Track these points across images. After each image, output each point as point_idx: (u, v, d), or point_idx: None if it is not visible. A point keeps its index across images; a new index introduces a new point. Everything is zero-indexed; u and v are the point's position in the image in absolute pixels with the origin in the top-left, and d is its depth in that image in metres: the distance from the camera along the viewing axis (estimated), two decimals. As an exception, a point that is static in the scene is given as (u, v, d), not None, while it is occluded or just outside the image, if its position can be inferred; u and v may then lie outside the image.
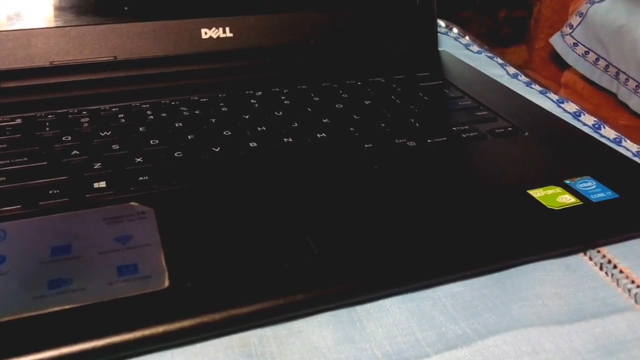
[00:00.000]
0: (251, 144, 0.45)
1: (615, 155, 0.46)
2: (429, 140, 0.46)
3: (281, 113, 0.50)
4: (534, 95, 0.59)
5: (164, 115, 0.49)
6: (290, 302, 0.31)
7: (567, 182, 0.41)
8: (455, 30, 0.79)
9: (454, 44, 0.74)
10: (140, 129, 0.47)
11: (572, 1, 1.46)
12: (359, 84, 0.57)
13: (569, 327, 0.32)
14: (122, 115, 0.49)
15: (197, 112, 0.50)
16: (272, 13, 0.58)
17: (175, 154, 0.43)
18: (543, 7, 1.66)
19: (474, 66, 0.64)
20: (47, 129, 0.46)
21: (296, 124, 0.48)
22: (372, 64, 0.61)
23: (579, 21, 1.31)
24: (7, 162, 0.41)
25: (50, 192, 0.38)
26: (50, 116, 0.48)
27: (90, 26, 0.53)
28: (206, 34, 0.56)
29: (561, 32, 1.37)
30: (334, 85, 0.56)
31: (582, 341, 0.31)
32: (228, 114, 0.50)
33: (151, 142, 0.45)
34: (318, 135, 0.47)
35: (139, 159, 0.42)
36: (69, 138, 0.45)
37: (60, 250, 0.33)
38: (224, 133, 0.46)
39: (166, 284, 0.31)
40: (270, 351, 0.30)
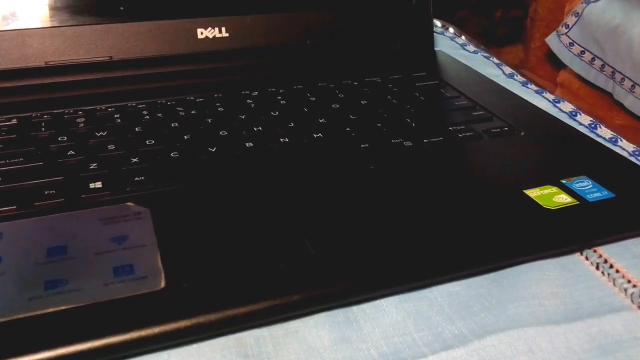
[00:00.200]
0: (247, 144, 0.45)
1: (611, 155, 0.46)
2: (425, 140, 0.46)
3: (277, 113, 0.50)
4: (530, 95, 0.59)
5: (160, 115, 0.49)
6: (286, 303, 0.31)
7: (563, 181, 0.41)
8: (451, 30, 0.79)
9: (450, 43, 0.74)
10: (136, 129, 0.47)
11: (568, 1, 1.47)
12: (355, 83, 0.57)
13: (566, 327, 0.32)
14: (118, 116, 0.48)
15: (193, 112, 0.50)
16: (268, 13, 0.58)
17: (172, 154, 0.43)
18: (539, 7, 1.66)
19: (470, 66, 0.64)
20: (43, 129, 0.46)
21: (292, 124, 0.48)
22: (368, 63, 0.61)
23: (574, 21, 1.31)
24: (3, 162, 0.41)
25: (46, 192, 0.38)
26: (45, 116, 0.48)
27: (86, 26, 0.53)
28: (202, 33, 0.56)
29: (557, 32, 1.37)
30: (330, 85, 0.56)
31: (578, 341, 0.31)
32: (224, 114, 0.50)
33: (147, 142, 0.45)
34: (314, 135, 0.47)
35: (135, 159, 0.42)
36: (65, 138, 0.45)
37: (56, 251, 0.33)
38: (220, 133, 0.46)
39: (162, 284, 0.31)
40: (266, 351, 0.30)
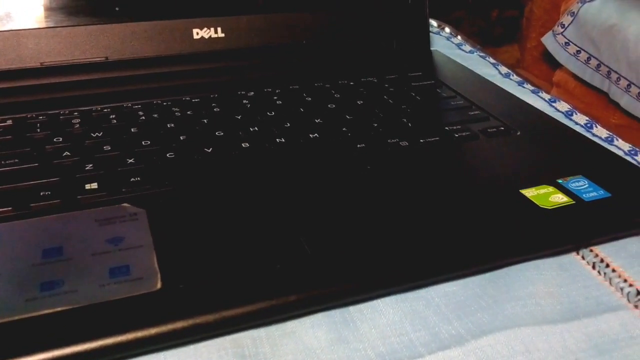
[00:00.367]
0: (243, 145, 0.45)
1: (607, 155, 0.46)
2: (421, 140, 0.46)
3: (273, 113, 0.50)
4: (526, 94, 0.59)
5: (155, 115, 0.49)
6: (283, 303, 0.31)
7: (560, 181, 0.41)
8: (447, 30, 0.79)
9: (446, 43, 0.74)
10: (132, 129, 0.46)
11: (564, 1, 1.47)
12: (351, 83, 0.57)
13: (562, 326, 0.32)
14: (113, 116, 0.48)
15: (189, 112, 0.50)
16: (264, 13, 0.58)
17: (167, 155, 0.43)
18: (535, 7, 1.67)
19: (466, 66, 0.64)
20: (38, 130, 0.46)
21: (289, 124, 0.48)
22: (365, 63, 0.61)
23: (570, 20, 1.32)
24: (-2, 163, 0.41)
25: (42, 193, 0.38)
26: (41, 117, 0.48)
27: (82, 27, 0.53)
28: (198, 34, 0.56)
29: (553, 32, 1.37)
30: (326, 85, 0.56)
31: (575, 340, 0.31)
32: (220, 115, 0.50)
33: (143, 142, 0.44)
34: (311, 135, 0.47)
35: (130, 160, 0.42)
36: (60, 139, 0.45)
37: (52, 252, 0.33)
38: (216, 133, 0.46)
39: (158, 285, 0.31)
40: (263, 352, 0.30)
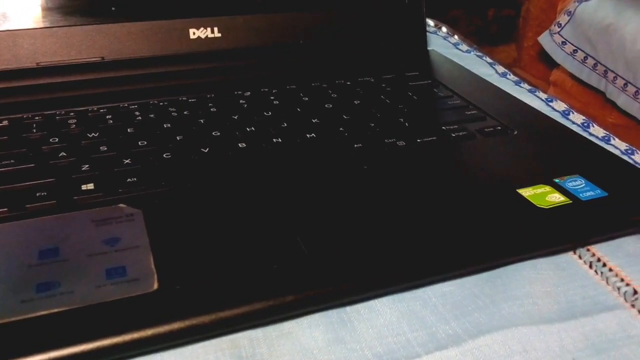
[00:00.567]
0: (240, 145, 0.45)
1: (604, 154, 0.46)
2: (418, 140, 0.46)
3: (270, 113, 0.50)
4: (523, 94, 0.60)
5: (152, 116, 0.49)
6: (280, 304, 0.31)
7: (557, 180, 0.41)
8: (444, 30, 0.79)
9: (443, 43, 0.74)
10: (129, 130, 0.46)
11: (560, 0, 1.47)
12: (348, 83, 0.57)
13: (559, 326, 0.32)
14: (110, 117, 0.48)
15: (185, 112, 0.50)
16: (261, 13, 0.58)
17: (164, 155, 0.43)
18: (531, 6, 1.67)
19: (463, 65, 0.64)
20: (34, 130, 0.46)
21: (285, 124, 0.48)
22: (361, 63, 0.61)
23: (567, 20, 1.32)
24: (-6, 164, 0.41)
25: (38, 194, 0.38)
26: (37, 118, 0.48)
27: (78, 27, 0.53)
28: (194, 34, 0.56)
29: (549, 31, 1.37)
30: (323, 85, 0.56)
31: (572, 340, 0.31)
32: (217, 115, 0.50)
33: (139, 143, 0.44)
34: (307, 135, 0.47)
35: (127, 161, 0.42)
36: (56, 140, 0.44)
37: (48, 253, 0.33)
38: (213, 134, 0.46)
39: (155, 286, 0.31)
40: (260, 352, 0.30)
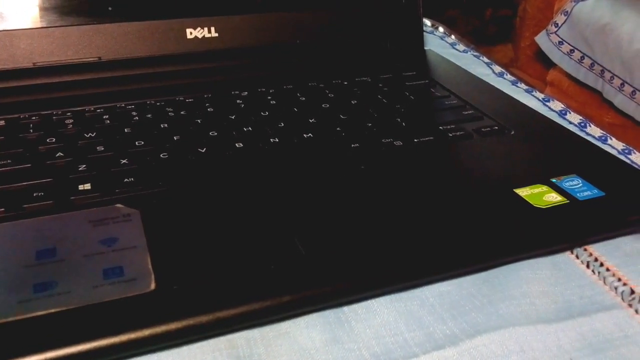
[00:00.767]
0: (237, 145, 0.45)
1: (601, 154, 0.46)
2: (415, 140, 0.46)
3: (267, 113, 0.50)
4: (520, 94, 0.60)
5: (149, 116, 0.49)
6: (277, 304, 0.31)
7: (554, 180, 0.41)
8: (441, 29, 0.79)
9: (440, 43, 0.74)
10: (126, 130, 0.46)
11: (557, 0, 1.47)
12: (345, 83, 0.57)
13: (557, 326, 0.32)
14: (107, 117, 0.48)
15: (182, 112, 0.49)
16: (258, 13, 0.58)
17: (161, 155, 0.43)
18: (528, 6, 1.67)
19: (460, 65, 0.64)
20: (31, 130, 0.46)
21: (282, 124, 0.48)
22: (358, 63, 0.61)
23: (564, 19, 1.32)
24: (-9, 164, 0.41)
25: (35, 194, 0.38)
26: (34, 118, 0.47)
27: (74, 27, 0.53)
28: (191, 34, 0.56)
29: (546, 31, 1.37)
30: (320, 85, 0.56)
31: (569, 339, 0.31)
32: (214, 115, 0.50)
33: (136, 143, 0.44)
34: (304, 135, 0.47)
35: (124, 161, 0.42)
36: (53, 140, 0.44)
37: (45, 254, 0.33)
38: (210, 134, 0.46)
39: (152, 286, 0.31)
40: (257, 353, 0.30)
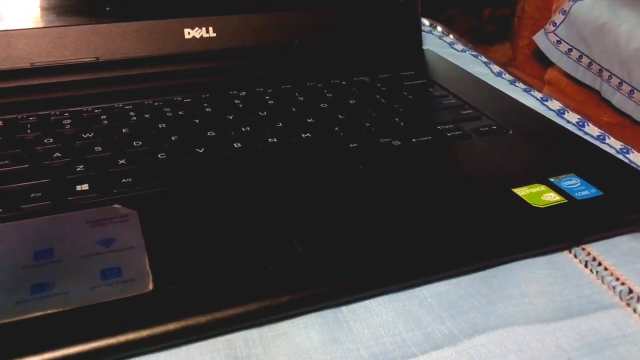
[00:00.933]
0: (235, 145, 0.45)
1: (599, 153, 0.46)
2: (413, 140, 0.46)
3: (265, 113, 0.50)
4: (518, 93, 0.60)
5: (147, 116, 0.49)
6: (276, 304, 0.31)
7: (552, 180, 0.41)
8: (439, 29, 0.79)
9: (438, 42, 0.74)
10: (123, 130, 0.46)
11: (555, -1, 1.48)
12: (343, 83, 0.57)
13: (555, 325, 0.32)
14: (104, 117, 0.48)
15: (180, 112, 0.49)
16: (256, 12, 0.58)
17: (159, 156, 0.43)
18: (526, 5, 1.67)
19: (458, 65, 0.64)
20: (29, 131, 0.46)
21: (281, 124, 0.48)
22: (357, 63, 0.61)
23: (562, 19, 1.32)
24: (-11, 165, 0.41)
25: (32, 195, 0.38)
26: (31, 118, 0.47)
27: (72, 27, 0.53)
28: (189, 34, 0.56)
29: (544, 30, 1.38)
30: (318, 85, 0.56)
31: (567, 339, 0.31)
32: (212, 115, 0.49)
33: (134, 143, 0.44)
34: (303, 135, 0.47)
35: (122, 161, 0.42)
36: (51, 140, 0.44)
37: (43, 254, 0.33)
38: (208, 134, 0.46)
39: (150, 287, 0.31)
40: (256, 353, 0.30)
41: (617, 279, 0.35)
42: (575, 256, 0.37)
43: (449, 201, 0.39)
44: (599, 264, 0.36)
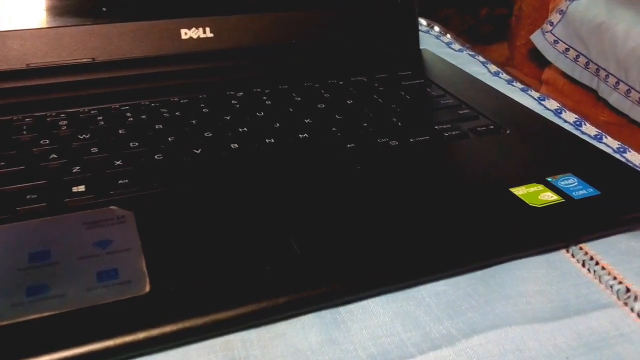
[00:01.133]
0: (232, 145, 0.45)
1: (596, 152, 0.46)
2: (411, 140, 0.46)
3: (263, 113, 0.50)
4: (515, 93, 0.60)
5: (143, 117, 0.49)
6: (273, 305, 0.31)
7: (549, 179, 0.41)
8: (436, 29, 0.79)
9: (435, 42, 0.74)
10: (120, 131, 0.46)
11: (552, -2, 1.48)
12: (340, 83, 0.57)
13: (552, 325, 0.32)
14: (101, 118, 0.48)
15: (177, 113, 0.49)
16: (253, 13, 0.58)
17: (156, 157, 0.43)
18: (524, 5, 1.67)
19: (456, 64, 0.64)
20: (25, 132, 0.45)
21: (278, 125, 0.48)
22: (354, 63, 0.61)
23: (559, 18, 1.32)
24: (-16, 167, 0.41)
25: (28, 197, 0.37)
26: (27, 119, 0.47)
27: (68, 27, 0.52)
28: (186, 34, 0.56)
29: (542, 30, 1.38)
30: (315, 85, 0.56)
31: (565, 338, 0.31)
32: (209, 115, 0.49)
33: (131, 144, 0.44)
34: (300, 135, 0.46)
35: (118, 162, 0.42)
36: (47, 141, 0.44)
37: (39, 256, 0.32)
38: (205, 134, 0.46)
39: (147, 288, 0.30)
40: (254, 354, 0.30)
41: (615, 278, 0.35)
42: (573, 255, 0.37)
43: (446, 201, 0.39)
44: (597, 263, 0.36)
